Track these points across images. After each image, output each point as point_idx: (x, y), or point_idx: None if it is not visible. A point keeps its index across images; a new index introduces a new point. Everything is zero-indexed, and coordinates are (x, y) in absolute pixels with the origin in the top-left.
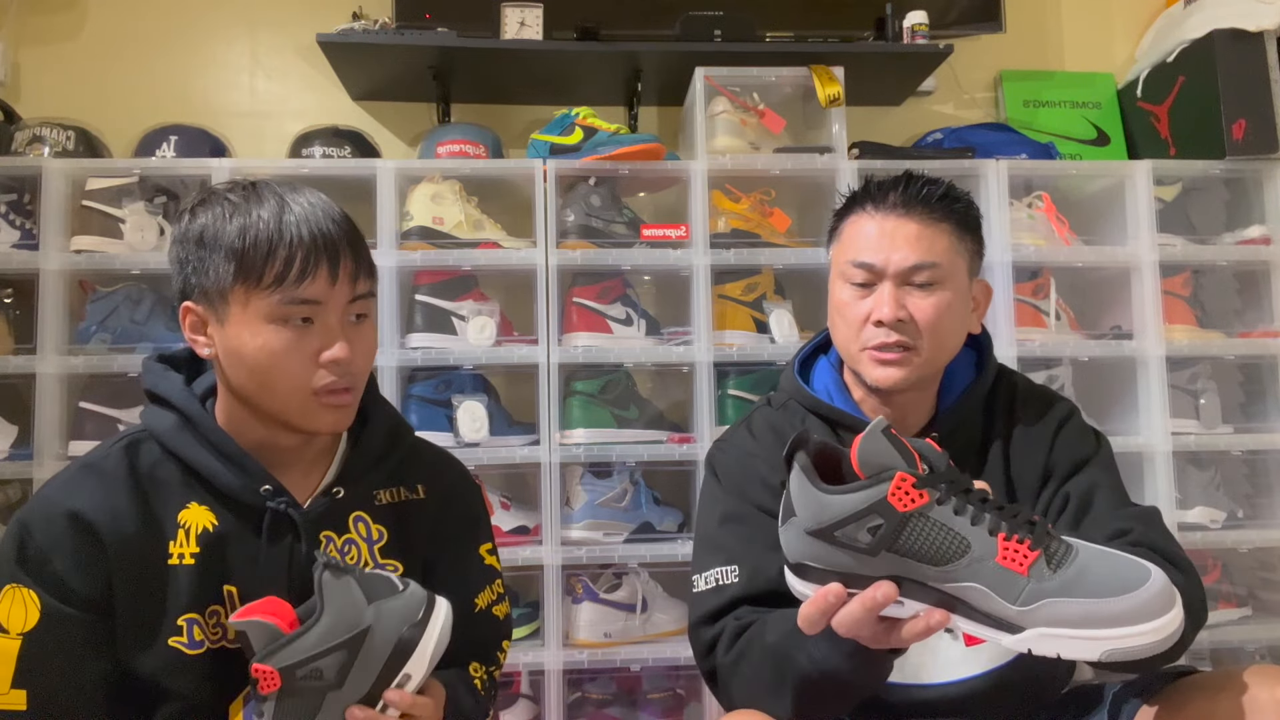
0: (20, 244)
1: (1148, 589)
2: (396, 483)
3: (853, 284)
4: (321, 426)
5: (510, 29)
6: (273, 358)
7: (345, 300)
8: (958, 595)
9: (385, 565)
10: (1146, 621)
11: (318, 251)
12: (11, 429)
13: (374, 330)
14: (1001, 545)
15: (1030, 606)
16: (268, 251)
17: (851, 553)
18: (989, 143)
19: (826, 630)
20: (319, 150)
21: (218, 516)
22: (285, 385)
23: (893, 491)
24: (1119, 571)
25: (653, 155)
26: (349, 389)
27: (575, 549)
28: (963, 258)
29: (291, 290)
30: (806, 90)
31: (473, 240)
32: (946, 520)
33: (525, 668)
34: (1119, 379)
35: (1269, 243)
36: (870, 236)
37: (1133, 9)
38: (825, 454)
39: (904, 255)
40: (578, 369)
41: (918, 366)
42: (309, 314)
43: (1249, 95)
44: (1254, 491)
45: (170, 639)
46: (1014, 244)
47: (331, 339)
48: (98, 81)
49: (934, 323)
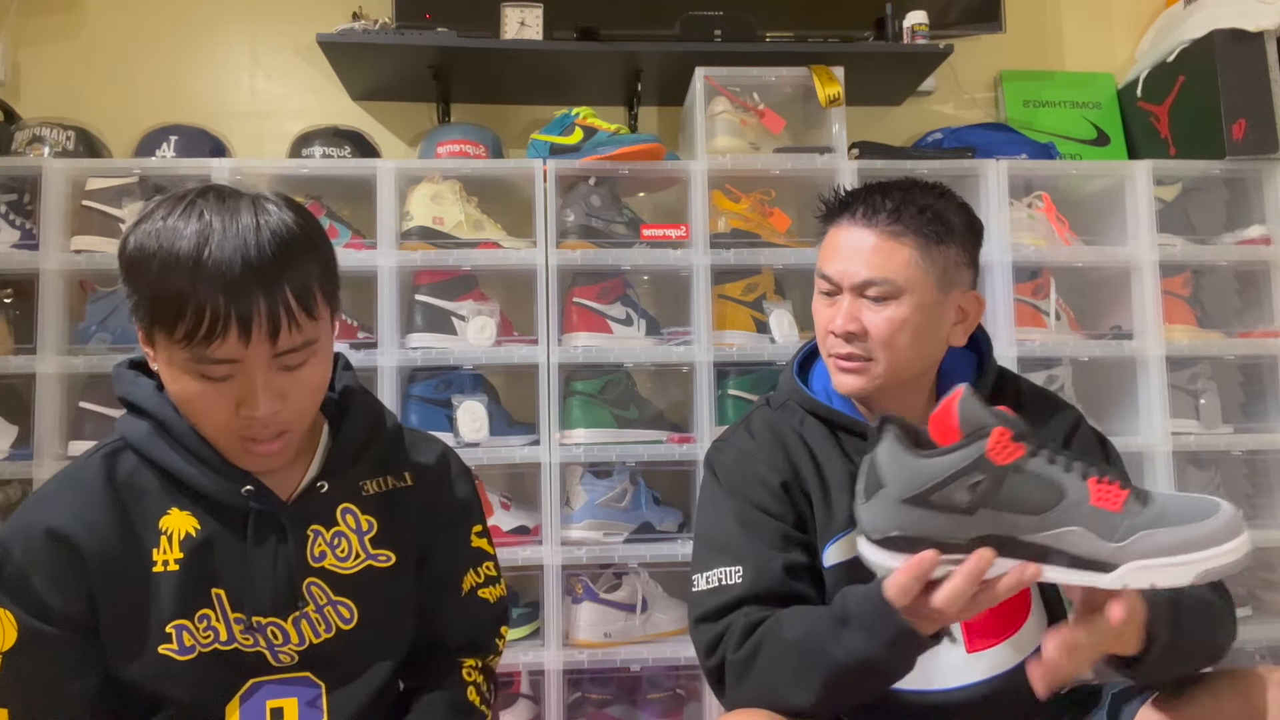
0: (20, 244)
1: (1223, 513)
2: (384, 472)
3: (822, 292)
4: (253, 467)
5: (510, 29)
6: (192, 403)
7: (266, 357)
8: (1052, 545)
9: (377, 555)
10: (1229, 541)
11: (227, 312)
12: (11, 429)
13: (319, 366)
14: (1094, 488)
15: (1128, 541)
16: (176, 310)
17: (949, 514)
18: (989, 143)
19: (866, 619)
20: (319, 150)
21: (200, 521)
22: (208, 429)
23: (991, 446)
24: (1193, 504)
25: (653, 155)
26: (279, 434)
27: (575, 549)
28: (929, 272)
29: (201, 349)
30: (806, 90)
31: (473, 240)
32: (1041, 470)
33: (525, 668)
34: (1119, 379)
35: (1269, 243)
36: (835, 249)
37: (1133, 9)
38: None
39: (857, 270)
40: (578, 369)
41: (876, 376)
42: (225, 372)
43: (1249, 95)
44: (1254, 491)
45: (160, 646)
46: (1014, 244)
47: (250, 395)
48: (98, 81)
49: (887, 337)
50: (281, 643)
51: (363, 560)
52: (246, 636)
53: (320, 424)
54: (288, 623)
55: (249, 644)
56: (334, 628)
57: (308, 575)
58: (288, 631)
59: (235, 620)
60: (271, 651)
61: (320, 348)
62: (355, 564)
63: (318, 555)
